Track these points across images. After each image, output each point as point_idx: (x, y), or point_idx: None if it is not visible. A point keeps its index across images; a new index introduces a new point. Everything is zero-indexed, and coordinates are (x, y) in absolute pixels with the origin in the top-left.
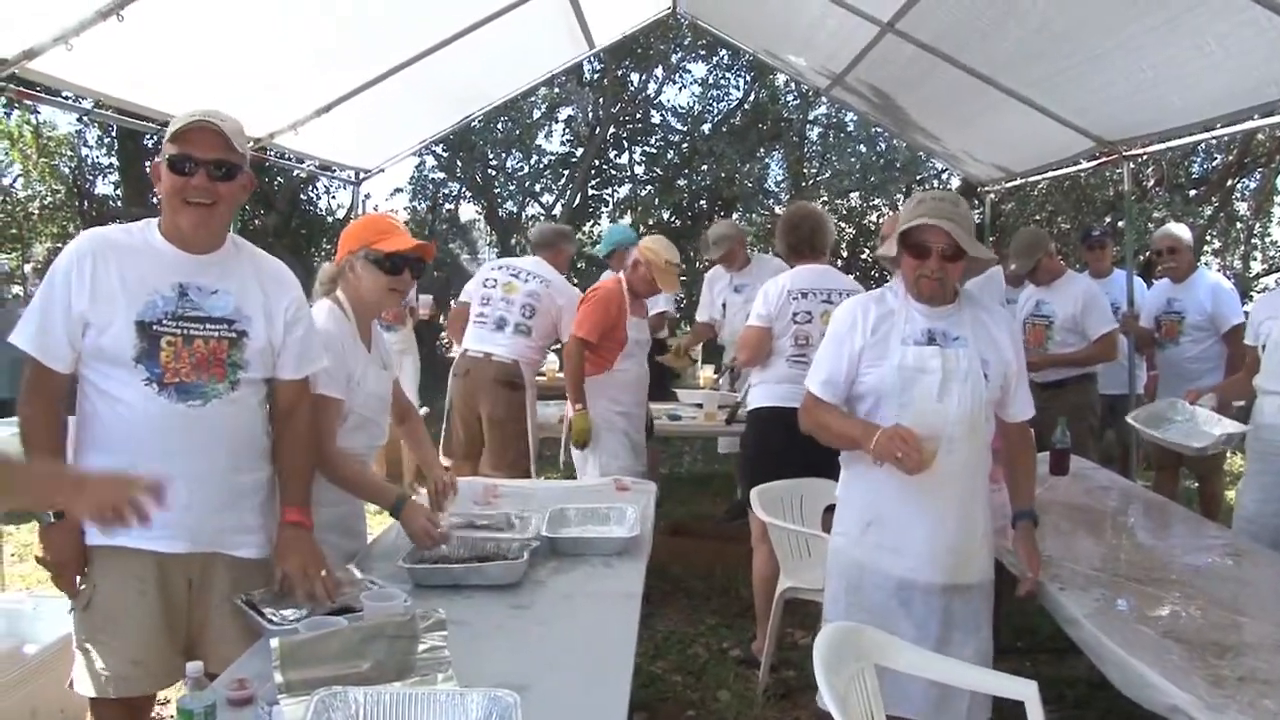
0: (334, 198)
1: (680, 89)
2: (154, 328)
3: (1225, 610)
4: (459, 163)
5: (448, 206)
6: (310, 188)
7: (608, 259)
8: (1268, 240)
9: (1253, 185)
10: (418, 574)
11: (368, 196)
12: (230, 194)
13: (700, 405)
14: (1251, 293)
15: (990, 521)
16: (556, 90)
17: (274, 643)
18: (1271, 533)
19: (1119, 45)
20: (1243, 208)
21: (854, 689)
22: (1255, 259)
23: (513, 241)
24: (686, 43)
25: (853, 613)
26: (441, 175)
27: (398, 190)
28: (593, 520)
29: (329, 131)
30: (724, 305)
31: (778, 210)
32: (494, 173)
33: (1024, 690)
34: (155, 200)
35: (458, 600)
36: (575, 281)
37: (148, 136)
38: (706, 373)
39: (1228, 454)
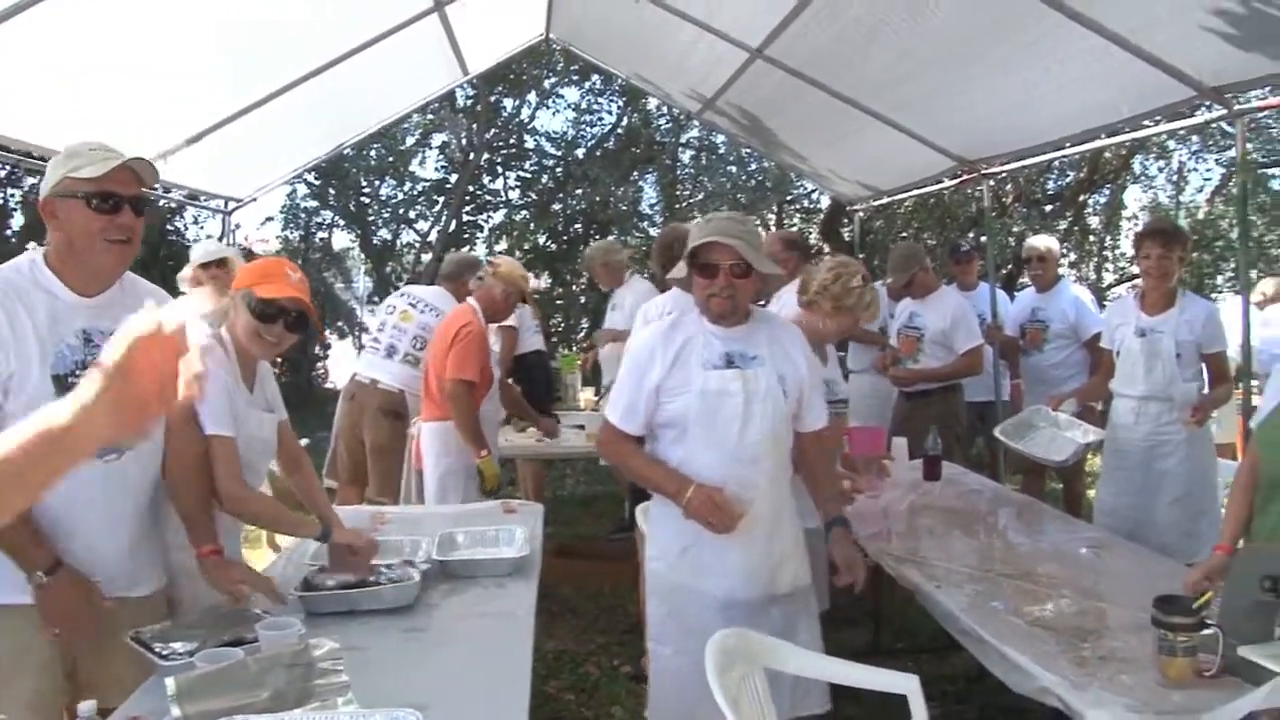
0: (202, 228)
1: (554, 114)
2: (69, 380)
3: (1088, 598)
4: (332, 190)
5: (321, 235)
6: (178, 218)
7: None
8: (1118, 252)
9: (1103, 200)
10: (310, 601)
11: (238, 226)
12: (141, 229)
13: (583, 427)
14: (1105, 302)
15: (800, 528)
16: (430, 117)
17: (169, 681)
18: (1128, 524)
19: (976, 71)
20: (1094, 221)
21: (745, 691)
22: (1108, 270)
23: (388, 269)
24: (559, 68)
25: (680, 636)
26: (314, 204)
27: (269, 219)
28: (482, 542)
29: (199, 160)
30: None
31: (652, 232)
32: (367, 200)
33: (907, 685)
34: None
35: (352, 626)
36: None
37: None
38: (587, 395)
39: (1088, 455)
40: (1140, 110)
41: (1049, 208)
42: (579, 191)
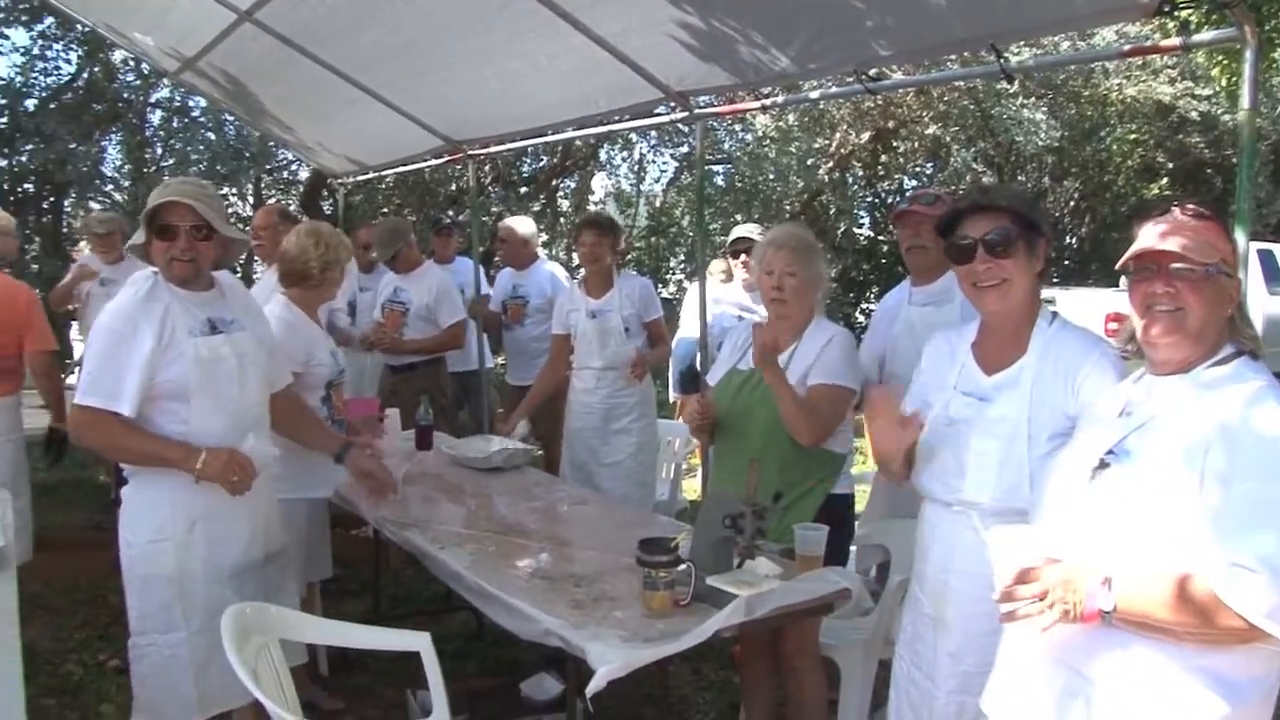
0: None
1: None
2: None
3: (575, 548)
4: None
5: None
6: None
7: None
8: None
9: (573, 185)
10: None
11: None
12: None
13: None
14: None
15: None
16: None
17: None
18: (594, 478)
19: (467, 54)
20: (565, 204)
21: (263, 661)
22: (576, 251)
23: None
24: (3, 5)
25: (201, 617)
26: None
27: None
28: None
29: None
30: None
31: (118, 197)
32: None
33: (419, 642)
34: None
35: None
36: None
37: None
38: None
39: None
40: (616, 106)
41: (524, 190)
42: (29, 147)
